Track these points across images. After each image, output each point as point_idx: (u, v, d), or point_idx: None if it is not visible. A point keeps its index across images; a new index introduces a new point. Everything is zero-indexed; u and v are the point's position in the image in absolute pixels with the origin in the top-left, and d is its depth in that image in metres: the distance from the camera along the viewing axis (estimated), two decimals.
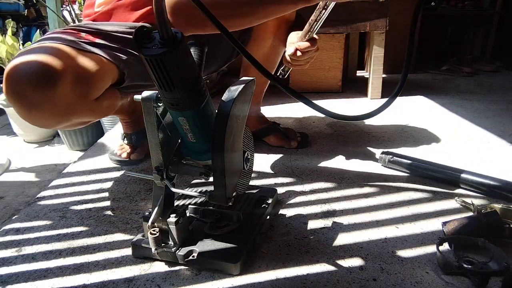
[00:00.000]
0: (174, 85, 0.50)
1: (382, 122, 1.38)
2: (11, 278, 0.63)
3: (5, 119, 1.98)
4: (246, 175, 0.69)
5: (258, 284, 0.60)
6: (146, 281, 0.61)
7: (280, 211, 0.81)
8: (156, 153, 0.61)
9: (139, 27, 0.47)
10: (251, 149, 0.70)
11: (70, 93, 0.75)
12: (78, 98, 0.77)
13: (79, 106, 0.79)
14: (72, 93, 0.75)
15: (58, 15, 1.50)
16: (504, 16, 2.71)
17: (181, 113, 0.55)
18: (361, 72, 2.41)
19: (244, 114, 0.63)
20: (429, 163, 0.95)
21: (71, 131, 1.50)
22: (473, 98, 1.75)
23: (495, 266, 0.60)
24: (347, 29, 1.70)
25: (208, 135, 0.58)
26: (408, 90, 1.87)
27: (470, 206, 0.78)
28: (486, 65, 2.55)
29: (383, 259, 0.65)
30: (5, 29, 2.10)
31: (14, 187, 1.16)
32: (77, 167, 1.09)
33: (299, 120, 1.45)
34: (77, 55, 0.80)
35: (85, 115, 0.83)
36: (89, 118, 0.87)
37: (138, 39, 0.47)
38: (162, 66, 0.47)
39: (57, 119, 0.78)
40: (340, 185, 0.92)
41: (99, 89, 0.81)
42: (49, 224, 0.79)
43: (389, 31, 1.66)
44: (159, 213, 0.63)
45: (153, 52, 0.46)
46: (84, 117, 0.85)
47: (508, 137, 1.22)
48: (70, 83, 0.74)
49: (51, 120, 0.77)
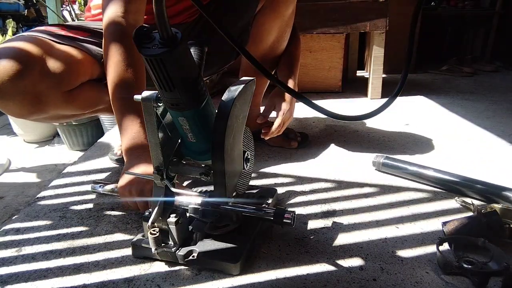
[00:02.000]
0: (174, 85, 0.50)
1: (382, 122, 1.38)
2: (11, 278, 0.63)
3: (5, 119, 1.98)
4: (246, 175, 0.69)
5: (258, 284, 0.60)
6: (146, 281, 0.61)
7: None
8: (156, 153, 0.61)
9: (139, 27, 0.47)
10: (251, 149, 0.70)
11: (39, 84, 0.78)
12: (48, 89, 0.80)
13: (50, 97, 0.82)
14: (41, 84, 0.79)
15: (58, 15, 1.50)
16: (504, 16, 2.71)
17: (181, 113, 0.55)
18: (361, 72, 2.41)
19: (244, 114, 0.63)
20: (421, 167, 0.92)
21: (71, 131, 1.50)
22: (473, 98, 1.75)
23: (495, 266, 0.60)
24: (347, 29, 1.70)
25: (208, 135, 0.58)
26: (408, 90, 1.87)
27: (470, 206, 0.78)
28: (486, 65, 2.55)
29: (383, 259, 0.65)
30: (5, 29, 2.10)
31: (14, 187, 1.16)
32: (77, 167, 1.09)
33: (299, 120, 1.45)
34: (50, 48, 0.83)
35: (61, 107, 0.86)
36: (69, 110, 0.89)
37: (138, 39, 0.47)
38: (162, 66, 0.47)
39: (29, 109, 0.81)
40: (340, 185, 0.92)
41: (72, 81, 0.84)
42: (49, 224, 0.79)
43: (389, 31, 1.66)
44: (159, 213, 0.63)
45: (153, 52, 0.46)
46: (62, 109, 0.87)
47: (508, 137, 1.22)
48: (38, 74, 0.78)
49: (23, 110, 0.81)
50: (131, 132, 0.76)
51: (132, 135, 0.76)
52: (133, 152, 0.75)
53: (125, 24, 0.78)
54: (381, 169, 0.98)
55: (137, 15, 0.81)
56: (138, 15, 0.81)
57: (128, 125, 0.76)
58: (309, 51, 1.83)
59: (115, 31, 0.78)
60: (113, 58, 0.77)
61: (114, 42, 0.78)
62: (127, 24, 0.78)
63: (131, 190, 0.71)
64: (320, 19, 1.69)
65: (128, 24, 0.78)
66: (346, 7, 1.65)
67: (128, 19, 0.79)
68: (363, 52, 2.43)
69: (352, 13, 1.66)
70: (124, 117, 0.77)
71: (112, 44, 0.78)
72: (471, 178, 0.86)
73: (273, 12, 1.05)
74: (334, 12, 1.67)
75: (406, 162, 0.95)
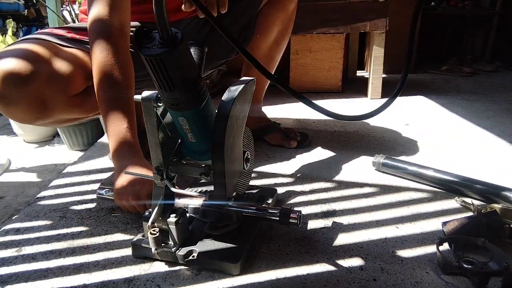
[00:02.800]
0: (174, 85, 0.50)
1: (382, 122, 1.38)
2: (11, 278, 0.63)
3: (5, 119, 1.98)
4: (246, 175, 0.69)
5: (258, 284, 0.60)
6: (146, 281, 0.61)
7: None
8: (156, 153, 0.61)
9: (139, 27, 0.48)
10: (251, 149, 0.70)
11: (45, 90, 0.77)
12: (54, 94, 0.79)
13: (56, 102, 0.80)
14: (47, 89, 0.77)
15: (58, 15, 1.50)
16: (504, 16, 2.71)
17: (181, 113, 0.55)
18: (361, 72, 2.41)
19: (244, 114, 0.63)
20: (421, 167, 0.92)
21: (71, 131, 1.50)
22: (473, 98, 1.75)
23: (495, 266, 0.60)
24: (347, 29, 1.70)
25: (208, 135, 0.58)
26: (408, 90, 1.87)
27: (470, 206, 0.78)
28: (486, 65, 2.55)
29: (383, 259, 0.65)
30: (5, 29, 2.10)
31: (14, 187, 1.16)
32: (77, 167, 1.09)
33: (299, 120, 1.46)
34: (57, 52, 0.81)
35: (67, 111, 0.84)
36: (74, 114, 0.88)
37: (138, 39, 0.47)
38: (162, 66, 0.48)
39: (35, 115, 0.80)
40: (340, 185, 0.92)
41: (79, 85, 0.83)
42: (49, 224, 0.79)
43: (389, 31, 1.66)
44: (159, 213, 0.63)
45: (153, 52, 0.46)
46: (67, 114, 0.86)
47: (508, 137, 1.22)
48: (44, 80, 0.76)
49: (29, 116, 0.80)
50: (119, 134, 0.74)
51: (119, 136, 0.74)
52: (122, 154, 0.74)
53: (110, 23, 0.77)
54: (381, 169, 0.98)
55: (122, 15, 0.79)
56: (122, 14, 0.79)
57: (116, 125, 0.74)
58: (309, 51, 1.83)
59: (99, 31, 0.77)
60: (97, 58, 0.76)
61: (99, 42, 0.76)
62: (111, 23, 0.77)
63: (127, 193, 0.71)
64: (320, 19, 1.69)
65: (112, 24, 0.77)
66: (346, 7, 1.66)
67: (113, 18, 0.77)
68: (363, 52, 2.43)
69: (352, 13, 1.66)
70: (111, 118, 0.75)
71: (96, 44, 0.76)
72: (471, 178, 0.86)
73: (278, 5, 1.08)
74: (334, 12, 1.67)
75: (406, 162, 0.95)
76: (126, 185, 0.70)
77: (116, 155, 0.74)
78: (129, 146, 0.74)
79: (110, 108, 0.75)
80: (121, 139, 0.74)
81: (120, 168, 0.72)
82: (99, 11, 0.77)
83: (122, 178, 0.71)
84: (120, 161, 0.73)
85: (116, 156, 0.74)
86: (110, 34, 0.76)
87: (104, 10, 0.77)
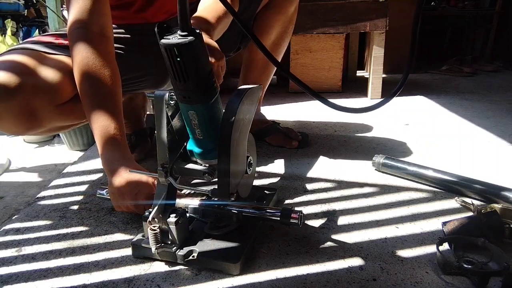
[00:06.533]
0: (189, 76, 0.52)
1: (382, 122, 1.39)
2: (11, 278, 0.63)
3: None
4: (248, 179, 0.69)
5: (258, 284, 0.60)
6: (146, 281, 0.61)
7: None
8: (163, 150, 0.61)
9: (159, 23, 0.50)
10: (253, 156, 0.70)
11: (33, 101, 0.76)
12: (42, 104, 0.78)
13: (45, 112, 0.79)
14: (35, 100, 0.76)
15: (58, 15, 1.50)
16: (504, 16, 2.71)
17: (191, 107, 0.56)
18: (361, 72, 2.41)
19: (250, 116, 0.64)
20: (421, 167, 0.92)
21: (71, 131, 1.50)
22: (473, 98, 1.75)
23: (495, 266, 0.60)
24: (347, 29, 1.70)
25: (215, 133, 0.59)
26: (408, 90, 1.87)
27: (470, 206, 0.78)
28: (486, 65, 2.55)
29: (383, 259, 0.65)
30: (5, 29, 2.10)
31: (14, 187, 1.16)
32: (77, 167, 1.09)
33: (299, 120, 1.45)
34: (44, 61, 0.80)
35: (57, 119, 0.83)
36: (65, 122, 0.86)
37: (159, 32, 0.50)
38: (180, 56, 0.50)
39: (25, 126, 0.79)
40: (340, 185, 0.92)
41: (67, 93, 0.81)
42: (49, 224, 0.79)
43: (389, 31, 1.67)
44: (160, 209, 0.63)
45: (173, 41, 0.49)
46: (58, 122, 0.85)
47: (508, 137, 1.22)
48: (31, 91, 0.75)
49: (19, 128, 0.79)
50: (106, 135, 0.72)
51: (107, 138, 0.72)
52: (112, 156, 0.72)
53: (88, 28, 0.76)
54: (381, 169, 0.98)
55: (101, 18, 0.78)
56: (101, 18, 0.78)
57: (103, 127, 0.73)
58: (309, 51, 1.83)
59: (78, 36, 0.76)
60: (77, 64, 0.75)
61: (77, 47, 0.75)
62: (90, 28, 0.76)
63: (125, 193, 0.70)
64: (320, 19, 1.69)
65: (91, 28, 0.76)
66: (346, 7, 1.66)
67: (91, 22, 0.76)
68: (363, 52, 2.43)
69: (352, 13, 1.66)
70: (97, 121, 0.73)
71: (75, 49, 0.75)
72: (471, 178, 0.86)
73: (277, 8, 1.07)
74: (334, 12, 1.67)
75: (406, 162, 0.95)
76: (123, 186, 0.70)
77: (105, 157, 0.72)
78: (119, 148, 0.73)
79: (94, 110, 0.74)
80: (109, 141, 0.72)
81: (112, 171, 0.71)
82: (76, 16, 0.76)
83: (118, 179, 0.70)
84: (111, 164, 0.72)
85: (105, 158, 0.72)
86: (88, 38, 0.75)
87: (81, 14, 0.76)
